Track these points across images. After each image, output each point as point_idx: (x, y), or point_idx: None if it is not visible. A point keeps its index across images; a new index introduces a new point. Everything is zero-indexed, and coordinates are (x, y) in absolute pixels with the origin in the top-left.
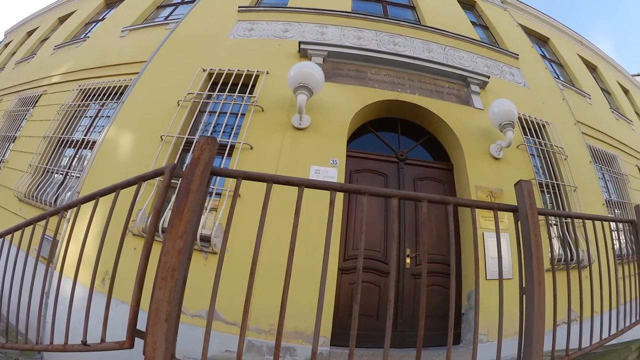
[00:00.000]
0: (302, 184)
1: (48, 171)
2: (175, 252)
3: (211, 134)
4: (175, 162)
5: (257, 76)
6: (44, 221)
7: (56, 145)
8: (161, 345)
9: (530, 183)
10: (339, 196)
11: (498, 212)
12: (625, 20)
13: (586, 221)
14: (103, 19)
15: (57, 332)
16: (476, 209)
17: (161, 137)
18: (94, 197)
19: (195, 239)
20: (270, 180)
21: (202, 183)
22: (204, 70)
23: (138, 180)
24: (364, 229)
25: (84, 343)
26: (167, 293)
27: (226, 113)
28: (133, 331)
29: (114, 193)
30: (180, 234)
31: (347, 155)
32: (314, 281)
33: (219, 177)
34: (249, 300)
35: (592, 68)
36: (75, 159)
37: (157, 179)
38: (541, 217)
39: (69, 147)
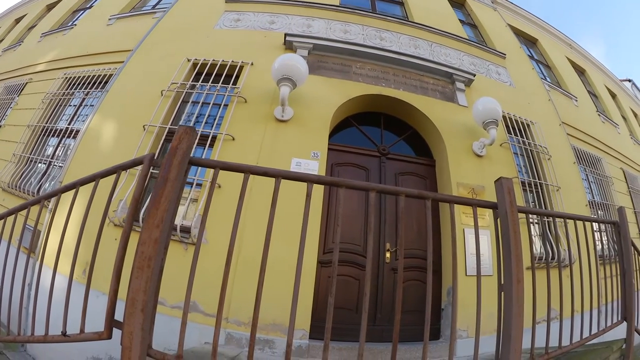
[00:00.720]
0: (279, 175)
1: (32, 160)
2: (151, 242)
3: (194, 124)
4: (157, 151)
5: (241, 67)
6: (25, 211)
7: (40, 134)
8: (137, 335)
9: (511, 180)
10: (320, 189)
11: (480, 208)
12: (618, 26)
13: (568, 221)
14: (91, 6)
15: (39, 323)
16: (457, 205)
17: (144, 126)
18: (74, 186)
19: (172, 228)
20: (247, 170)
21: (179, 173)
22: (188, 60)
23: (117, 170)
24: (340, 221)
25: (64, 334)
26: (144, 283)
27: (209, 103)
28: (111, 321)
29: (94, 182)
30: (157, 224)
31: (329, 149)
32: (294, 274)
33: (200, 168)
34: (224, 291)
35: (580, 71)
36: (60, 148)
37: (137, 168)
38: (522, 215)
39: (53, 136)
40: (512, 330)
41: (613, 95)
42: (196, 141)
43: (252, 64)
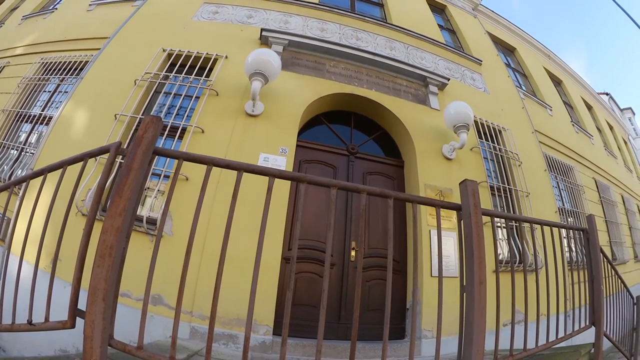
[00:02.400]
0: (242, 169)
1: (4, 146)
2: (114, 230)
3: (165, 115)
4: (128, 141)
5: (215, 60)
6: None
7: (14, 120)
8: (99, 324)
9: (476, 183)
10: (287, 186)
11: (448, 210)
12: (600, 42)
13: (536, 226)
14: None
15: (7, 313)
16: (425, 207)
17: (115, 115)
18: (42, 172)
19: (134, 217)
20: (210, 162)
21: (143, 162)
22: (163, 50)
23: (84, 157)
24: (300, 216)
25: (30, 322)
26: (105, 271)
27: (181, 95)
28: (74, 311)
29: (62, 169)
30: (119, 212)
31: (298, 145)
32: (260, 269)
33: (170, 160)
34: (184, 282)
35: (557, 82)
36: (32, 134)
37: (105, 156)
38: (487, 218)
39: (27, 122)
40: (474, 331)
41: (589, 107)
42: (166, 132)
43: (226, 57)
